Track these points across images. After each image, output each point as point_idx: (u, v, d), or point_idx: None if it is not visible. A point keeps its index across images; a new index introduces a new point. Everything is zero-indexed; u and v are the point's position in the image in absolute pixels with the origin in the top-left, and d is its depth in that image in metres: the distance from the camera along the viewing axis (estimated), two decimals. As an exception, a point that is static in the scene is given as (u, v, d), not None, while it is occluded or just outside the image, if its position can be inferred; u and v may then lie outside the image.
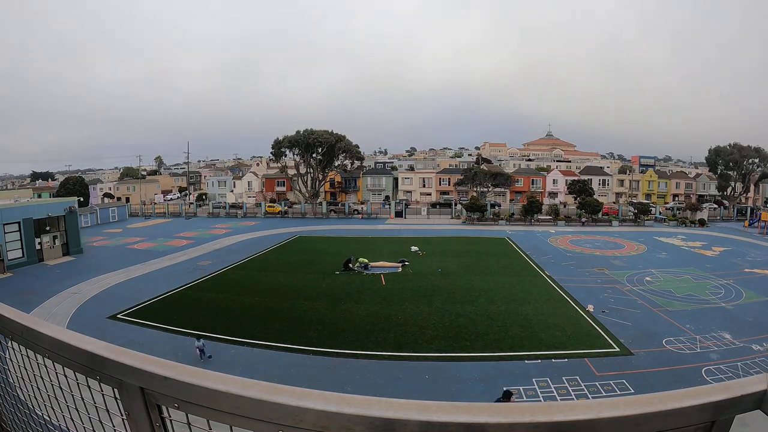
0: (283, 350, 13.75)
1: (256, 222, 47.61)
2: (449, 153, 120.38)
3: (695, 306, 18.02)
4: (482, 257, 27.83)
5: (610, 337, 14.62)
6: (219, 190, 73.35)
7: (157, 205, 59.50)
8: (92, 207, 52.71)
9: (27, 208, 27.68)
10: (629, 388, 11.35)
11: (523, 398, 11.06)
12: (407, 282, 21.71)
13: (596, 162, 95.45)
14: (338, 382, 11.71)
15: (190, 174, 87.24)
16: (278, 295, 19.58)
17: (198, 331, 15.09)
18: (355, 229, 41.85)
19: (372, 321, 16.23)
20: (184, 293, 20.15)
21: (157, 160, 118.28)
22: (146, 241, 35.34)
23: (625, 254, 29.26)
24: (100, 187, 76.66)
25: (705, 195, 66.78)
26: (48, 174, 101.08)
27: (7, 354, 1.44)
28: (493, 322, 16.04)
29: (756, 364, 12.72)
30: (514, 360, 13.02)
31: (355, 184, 69.32)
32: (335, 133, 52.06)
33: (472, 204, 46.71)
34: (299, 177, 53.32)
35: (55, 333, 1.11)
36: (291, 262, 26.54)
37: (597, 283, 21.75)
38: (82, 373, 1.06)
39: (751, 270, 24.48)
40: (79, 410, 1.27)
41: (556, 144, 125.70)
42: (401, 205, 52.79)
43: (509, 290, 20.17)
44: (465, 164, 75.77)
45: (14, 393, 1.57)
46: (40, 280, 22.81)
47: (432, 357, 13.28)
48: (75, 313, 17.37)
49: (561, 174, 70.39)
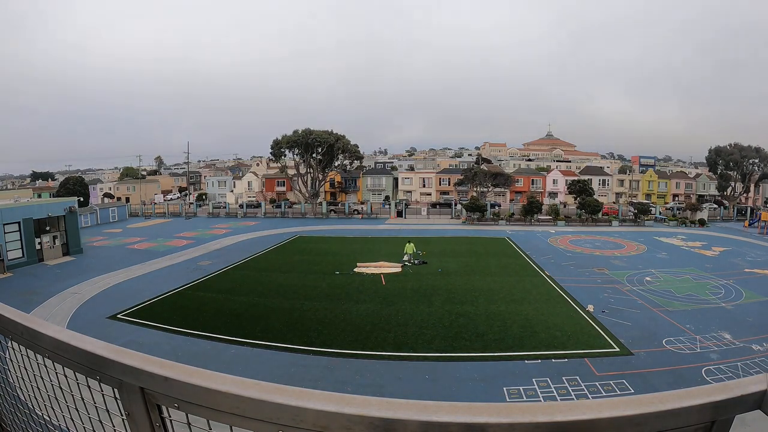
0: (283, 350, 13.73)
1: (256, 222, 47.60)
2: (449, 153, 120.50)
3: (695, 306, 18.01)
4: (482, 257, 27.83)
5: (610, 337, 14.62)
6: (219, 190, 73.42)
7: (157, 205, 59.51)
8: (92, 207, 52.68)
9: (27, 208, 27.67)
10: (629, 388, 11.33)
11: (523, 398, 11.07)
12: (407, 282, 21.71)
13: (596, 162, 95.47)
14: (338, 382, 11.70)
15: (190, 174, 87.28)
16: (278, 295, 19.57)
17: (198, 331, 15.13)
18: (355, 229, 41.84)
19: (372, 321, 16.22)
20: (184, 293, 20.14)
21: (157, 160, 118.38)
22: (146, 241, 35.33)
23: (625, 254, 29.25)
24: (100, 187, 76.69)
25: (705, 195, 66.77)
26: (48, 174, 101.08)
27: (7, 354, 1.44)
28: (493, 322, 16.03)
29: (756, 364, 12.71)
30: (514, 360, 13.01)
31: (355, 184, 69.34)
32: (334, 133, 52.09)
33: (472, 204, 46.69)
34: (299, 177, 53.34)
35: (55, 333, 1.11)
36: (291, 262, 26.53)
37: (597, 283, 21.74)
38: (82, 373, 1.06)
39: (751, 270, 24.47)
40: (79, 410, 1.27)
41: (556, 144, 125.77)
42: (401, 205, 52.79)
43: (509, 290, 20.16)
44: (465, 164, 75.80)
45: (14, 393, 1.57)
46: (40, 280, 22.80)
47: (432, 357, 13.27)
48: (75, 313, 17.36)
49: (561, 174, 70.43)
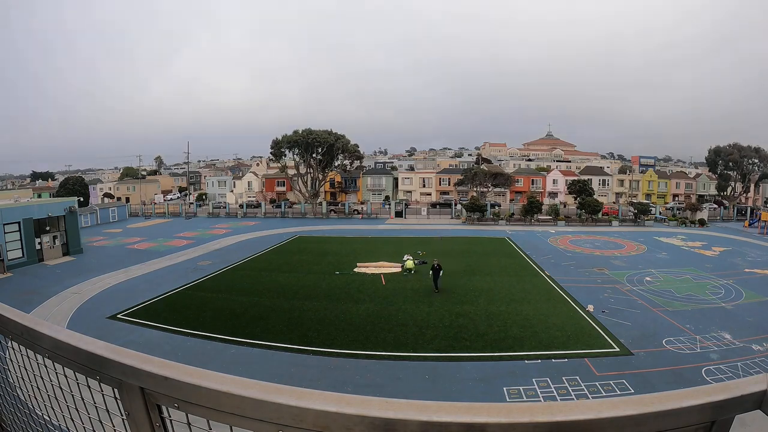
0: (283, 350, 13.74)
1: (256, 222, 47.60)
2: (449, 153, 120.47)
3: (695, 306, 18.01)
4: (482, 257, 27.83)
5: (610, 337, 14.62)
6: (219, 190, 73.43)
7: (157, 205, 59.53)
8: (92, 207, 52.73)
9: (27, 208, 27.68)
10: (629, 388, 11.34)
11: (523, 398, 11.07)
12: (407, 282, 21.71)
13: (596, 162, 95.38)
14: (338, 382, 11.70)
15: (190, 174, 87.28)
16: (278, 295, 19.57)
17: (198, 331, 15.13)
18: (355, 229, 41.84)
19: (372, 321, 16.22)
20: (184, 293, 20.14)
21: (157, 160, 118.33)
22: (146, 241, 35.34)
23: (625, 254, 29.25)
24: (100, 187, 76.72)
25: (705, 195, 66.76)
26: (48, 174, 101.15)
27: (7, 354, 1.44)
28: (493, 322, 16.03)
29: (756, 364, 12.71)
30: (514, 360, 13.02)
31: (355, 184, 69.33)
32: (334, 133, 52.10)
33: (472, 204, 46.68)
34: (299, 177, 53.34)
35: (55, 333, 1.11)
36: (291, 262, 26.53)
37: (597, 283, 21.74)
38: (82, 373, 1.06)
39: (751, 270, 24.47)
40: (79, 410, 1.27)
41: (556, 144, 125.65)
42: (401, 205, 52.79)
43: (509, 290, 20.17)
44: (465, 164, 75.85)
45: (14, 393, 1.57)
46: (40, 280, 22.81)
47: (432, 357, 13.27)
48: (75, 313, 17.37)
49: (561, 174, 70.41)
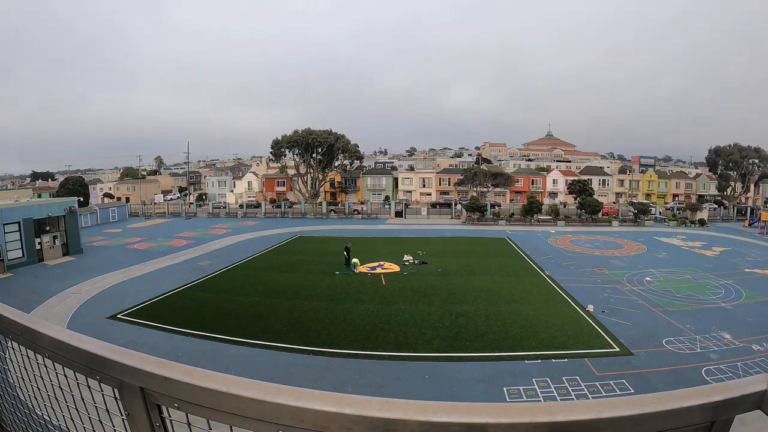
0: (283, 350, 13.74)
1: (256, 222, 47.60)
2: (449, 153, 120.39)
3: (695, 306, 18.01)
4: (482, 257, 27.83)
5: (610, 337, 14.62)
6: (219, 190, 73.43)
7: (157, 205, 59.51)
8: (92, 207, 52.67)
9: (27, 208, 27.67)
10: (629, 388, 11.34)
11: (523, 398, 11.07)
12: (407, 282, 21.71)
13: (596, 162, 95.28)
14: (338, 382, 11.70)
15: (190, 174, 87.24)
16: (278, 295, 19.57)
17: (198, 331, 15.12)
18: (355, 229, 41.83)
19: (372, 321, 16.22)
20: (184, 293, 20.14)
21: (157, 160, 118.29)
22: (146, 241, 35.34)
23: (625, 254, 29.25)
24: (100, 187, 76.69)
25: (705, 195, 66.76)
26: (48, 174, 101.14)
27: (7, 354, 1.44)
28: (493, 322, 16.03)
29: (756, 364, 12.72)
30: (514, 360, 13.02)
31: (355, 184, 69.31)
32: (334, 133, 52.11)
33: (472, 204, 46.68)
34: (299, 177, 53.34)
35: (55, 333, 1.11)
36: (291, 262, 26.54)
37: (597, 283, 21.74)
38: (82, 373, 1.06)
39: (751, 270, 24.47)
40: (79, 410, 1.27)
41: (556, 144, 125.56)
42: (401, 205, 52.79)
43: (509, 290, 20.16)
44: (465, 164, 75.77)
45: (14, 393, 1.57)
46: (40, 280, 22.81)
47: (432, 357, 13.27)
48: (75, 313, 17.37)
49: (561, 174, 70.38)
